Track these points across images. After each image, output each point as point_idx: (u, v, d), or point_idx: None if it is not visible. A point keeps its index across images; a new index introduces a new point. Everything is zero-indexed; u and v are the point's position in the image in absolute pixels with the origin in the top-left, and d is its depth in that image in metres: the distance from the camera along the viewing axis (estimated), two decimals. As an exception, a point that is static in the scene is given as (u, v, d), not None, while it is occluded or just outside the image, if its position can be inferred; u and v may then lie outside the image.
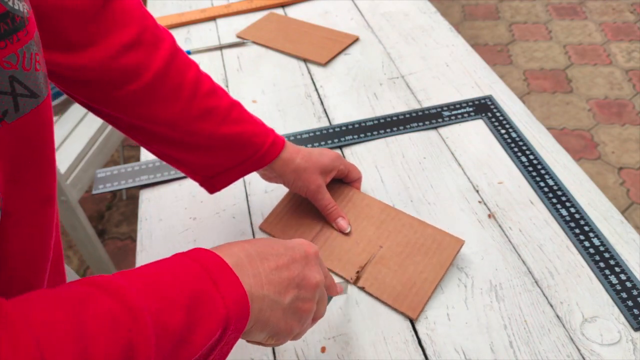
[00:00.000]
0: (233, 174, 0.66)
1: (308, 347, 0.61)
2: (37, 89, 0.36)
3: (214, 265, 0.41)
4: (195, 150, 0.63)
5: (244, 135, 0.64)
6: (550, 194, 0.74)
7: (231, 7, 1.23)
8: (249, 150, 0.65)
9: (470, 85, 0.95)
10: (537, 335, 0.59)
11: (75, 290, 0.35)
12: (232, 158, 0.65)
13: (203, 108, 0.60)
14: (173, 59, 0.58)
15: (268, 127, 0.67)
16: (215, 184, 0.67)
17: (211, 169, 0.65)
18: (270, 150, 0.66)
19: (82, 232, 1.48)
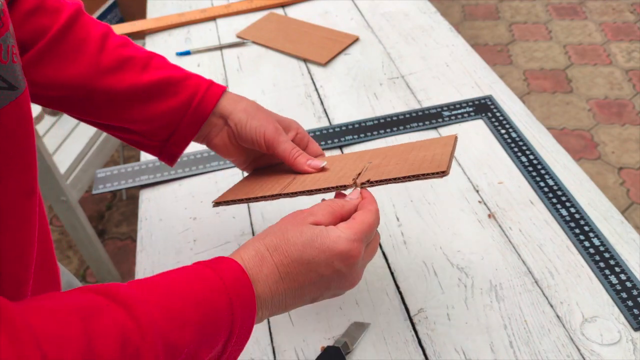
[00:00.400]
0: (181, 131, 0.60)
1: (308, 347, 0.61)
2: (15, 82, 0.36)
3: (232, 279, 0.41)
4: (126, 107, 0.58)
5: (172, 78, 0.59)
6: (550, 194, 0.74)
7: (231, 7, 1.23)
8: (184, 93, 0.59)
9: (470, 85, 0.95)
10: (537, 335, 0.59)
11: (87, 300, 0.34)
12: (171, 111, 0.59)
13: (118, 58, 0.58)
14: (76, 18, 0.57)
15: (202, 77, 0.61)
16: (169, 151, 0.62)
17: (156, 132, 0.60)
18: (210, 92, 0.59)
19: (82, 232, 1.48)
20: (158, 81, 0.58)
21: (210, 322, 0.38)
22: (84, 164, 1.48)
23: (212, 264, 0.42)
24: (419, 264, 0.68)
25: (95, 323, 0.32)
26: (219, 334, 0.39)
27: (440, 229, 0.71)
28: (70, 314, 0.32)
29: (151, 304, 0.36)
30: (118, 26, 1.23)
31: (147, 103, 0.59)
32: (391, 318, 0.63)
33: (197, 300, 0.38)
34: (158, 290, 0.38)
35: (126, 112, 0.59)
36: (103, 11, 1.71)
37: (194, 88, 0.59)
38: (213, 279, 0.40)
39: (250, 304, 0.41)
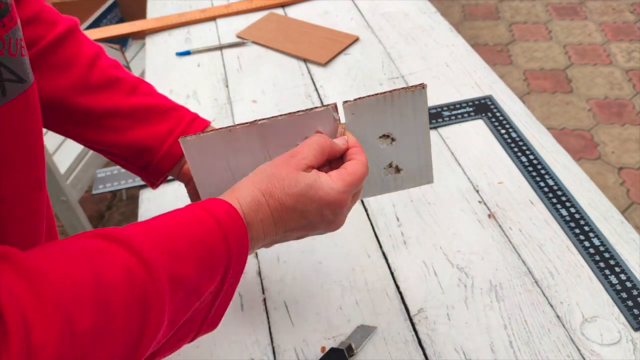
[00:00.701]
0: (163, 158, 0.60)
1: (308, 347, 0.61)
2: (24, 74, 0.36)
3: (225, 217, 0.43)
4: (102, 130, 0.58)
5: (159, 106, 0.59)
6: (550, 194, 0.74)
7: (231, 7, 1.23)
8: (168, 123, 0.59)
9: (470, 85, 0.95)
10: (537, 335, 0.59)
11: (89, 243, 0.36)
12: (155, 137, 0.59)
13: (106, 78, 0.58)
14: (72, 33, 0.58)
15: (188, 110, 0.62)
16: (151, 175, 0.62)
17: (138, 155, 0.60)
18: (194, 124, 0.60)
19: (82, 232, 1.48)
20: (144, 105, 0.59)
21: (208, 255, 0.40)
22: (84, 164, 1.48)
23: (207, 206, 0.43)
24: (419, 264, 0.68)
25: (100, 261, 0.34)
26: (217, 266, 0.41)
27: (440, 229, 0.71)
28: (76, 255, 0.34)
29: (150, 242, 0.37)
30: (118, 26, 1.23)
31: (127, 126, 0.59)
32: (391, 318, 0.63)
33: (195, 238, 0.40)
34: (156, 230, 0.40)
35: (102, 134, 0.59)
36: (103, 11, 1.71)
37: (178, 119, 0.60)
38: (209, 219, 0.42)
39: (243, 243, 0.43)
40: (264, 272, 0.69)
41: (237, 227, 0.43)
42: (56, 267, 0.32)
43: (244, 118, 0.93)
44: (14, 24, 0.35)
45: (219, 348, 0.62)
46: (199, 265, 0.39)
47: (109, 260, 0.34)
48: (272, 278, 0.68)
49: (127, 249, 0.36)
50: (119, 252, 0.35)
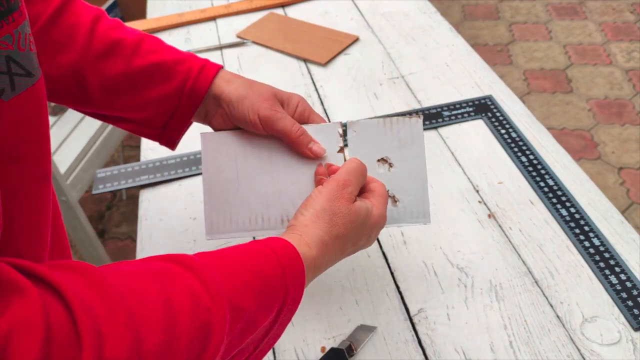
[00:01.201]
0: (179, 116, 0.59)
1: (308, 347, 0.61)
2: (32, 68, 0.37)
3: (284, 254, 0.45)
4: (120, 96, 0.57)
5: (163, 64, 0.57)
6: (550, 194, 0.74)
7: (231, 7, 1.23)
8: (176, 80, 0.57)
9: (470, 85, 0.95)
10: (537, 335, 0.59)
11: (160, 266, 0.38)
12: (165, 98, 0.58)
13: (107, 43, 0.56)
14: (67, 4, 0.57)
15: (195, 55, 0.59)
16: (169, 136, 0.61)
17: (154, 120, 0.59)
18: (203, 74, 0.57)
19: (82, 232, 1.48)
20: (148, 67, 0.57)
21: (267, 289, 0.42)
22: (84, 164, 1.48)
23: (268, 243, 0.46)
24: (419, 264, 0.68)
25: (169, 283, 0.36)
26: (274, 301, 0.42)
27: (440, 229, 0.71)
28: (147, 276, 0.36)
29: (215, 271, 0.39)
30: (118, 26, 1.23)
31: (139, 90, 0.58)
32: (391, 318, 0.63)
33: (255, 269, 0.42)
34: (220, 260, 0.42)
35: (119, 100, 0.58)
36: (103, 11, 1.71)
37: (186, 72, 0.57)
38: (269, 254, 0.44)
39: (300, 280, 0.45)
40: (264, 272, 0.69)
41: (295, 264, 0.45)
42: (128, 284, 0.34)
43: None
44: (23, 19, 0.36)
45: (219, 348, 0.62)
46: (258, 297, 0.41)
47: (178, 284, 0.36)
48: (272, 278, 0.68)
49: (194, 275, 0.37)
50: (187, 277, 0.37)
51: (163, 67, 0.57)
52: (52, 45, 0.56)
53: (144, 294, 0.34)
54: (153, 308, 0.33)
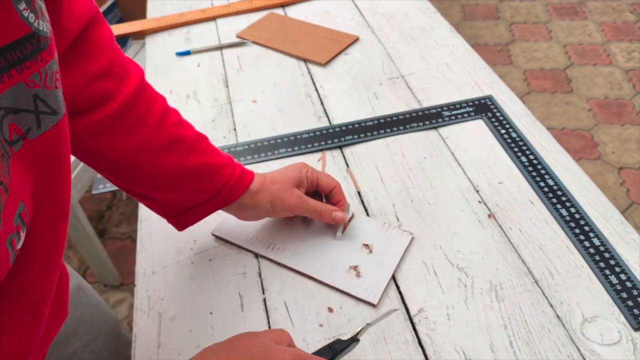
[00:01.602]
0: (203, 209, 0.64)
1: (308, 346, 0.61)
2: (57, 107, 0.37)
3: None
4: (163, 183, 0.61)
5: (212, 166, 0.62)
6: (550, 194, 0.74)
7: (231, 7, 1.23)
8: (219, 182, 0.63)
9: (470, 85, 0.95)
10: (537, 335, 0.59)
11: None
12: (201, 192, 0.63)
13: (170, 138, 0.59)
14: (141, 91, 0.58)
15: (235, 161, 0.66)
16: (183, 221, 0.65)
17: (180, 204, 0.64)
18: (240, 182, 0.64)
19: (82, 232, 1.48)
20: (198, 167, 0.61)
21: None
22: (84, 164, 1.48)
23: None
24: (419, 264, 0.68)
25: None
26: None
27: (440, 229, 0.72)
28: None
29: None
30: (118, 26, 1.23)
31: (182, 185, 0.62)
32: (391, 318, 0.62)
33: None
34: None
35: (159, 188, 0.61)
36: (103, 11, 1.71)
37: (227, 177, 0.63)
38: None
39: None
40: (263, 272, 0.69)
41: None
42: None
43: (244, 118, 0.93)
44: (51, 57, 0.36)
45: (219, 348, 0.62)
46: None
47: None
48: (272, 278, 0.68)
49: None
50: None
51: (211, 169, 0.62)
52: (119, 131, 0.57)
53: None
54: None
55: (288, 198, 0.66)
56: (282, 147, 0.86)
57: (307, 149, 0.85)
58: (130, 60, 0.59)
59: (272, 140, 0.88)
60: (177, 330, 0.64)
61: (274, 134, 0.89)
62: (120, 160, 0.58)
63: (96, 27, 0.54)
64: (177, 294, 0.68)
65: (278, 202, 0.66)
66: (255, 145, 0.87)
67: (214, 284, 0.68)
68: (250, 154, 0.86)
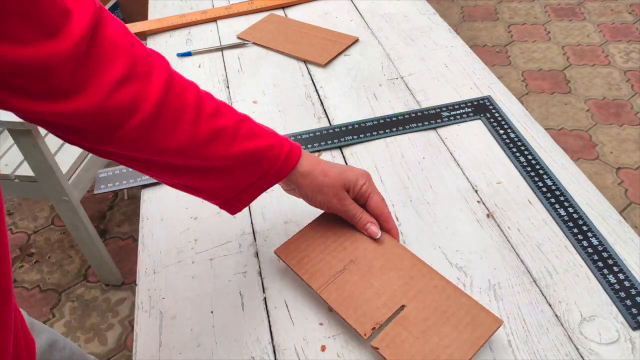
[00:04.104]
0: (252, 191, 0.63)
1: (308, 346, 0.61)
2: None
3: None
4: (211, 174, 0.59)
5: (257, 150, 0.60)
6: (548, 194, 0.74)
7: (232, 8, 1.23)
8: (265, 165, 0.61)
9: (469, 86, 0.95)
10: (535, 334, 0.60)
11: None
12: (249, 176, 0.61)
13: (211, 130, 0.56)
14: (170, 84, 0.53)
15: (281, 137, 0.64)
16: (235, 205, 0.64)
17: (229, 190, 0.62)
18: (287, 162, 0.63)
19: (84, 231, 1.49)
20: (244, 153, 0.59)
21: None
22: (85, 164, 1.49)
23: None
24: (419, 264, 0.68)
25: None
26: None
27: (439, 229, 0.72)
28: None
29: None
30: (119, 27, 1.23)
31: (230, 172, 0.60)
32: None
33: None
34: None
35: (207, 179, 0.60)
36: (103, 12, 1.71)
37: (274, 159, 0.62)
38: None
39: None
40: (264, 271, 0.70)
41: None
42: None
43: (244, 119, 0.94)
44: None
45: (219, 347, 0.62)
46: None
47: None
48: (273, 277, 0.69)
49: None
50: None
51: (256, 154, 0.60)
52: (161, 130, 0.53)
53: None
54: None
55: (331, 196, 0.65)
56: (283, 147, 0.87)
57: (307, 149, 0.86)
58: (152, 52, 0.54)
59: (273, 140, 0.88)
60: (178, 329, 0.65)
61: (275, 135, 0.90)
62: (165, 160, 0.56)
63: (106, 27, 0.49)
64: (178, 293, 0.68)
65: (319, 194, 0.65)
66: (256, 145, 0.88)
67: (214, 283, 0.69)
68: (251, 154, 0.86)
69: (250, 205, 0.79)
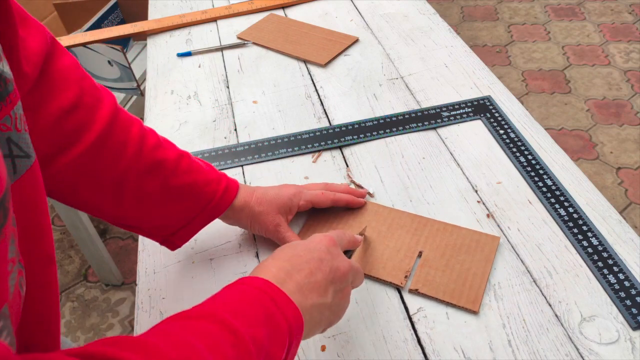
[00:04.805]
0: (191, 228, 0.64)
1: (308, 346, 0.61)
2: (29, 150, 0.37)
3: (267, 288, 0.45)
4: (149, 209, 0.60)
5: (195, 185, 0.62)
6: (548, 194, 0.74)
7: (232, 8, 1.23)
8: (203, 200, 0.63)
9: (469, 86, 0.95)
10: (535, 334, 0.60)
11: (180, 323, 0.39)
12: (187, 212, 0.63)
13: (151, 162, 0.58)
14: (115, 117, 0.56)
15: (220, 173, 0.65)
16: (175, 242, 0.65)
17: (168, 228, 0.63)
18: (224, 197, 0.65)
19: (84, 231, 1.49)
20: (183, 187, 0.61)
21: (273, 322, 0.42)
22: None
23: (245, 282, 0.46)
24: (419, 264, 0.68)
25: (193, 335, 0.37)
26: (283, 334, 0.43)
27: (439, 229, 0.72)
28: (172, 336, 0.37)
29: (226, 311, 0.40)
30: (119, 27, 1.24)
31: (167, 207, 0.61)
32: (390, 317, 0.63)
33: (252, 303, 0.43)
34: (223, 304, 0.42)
35: (145, 214, 0.61)
36: (104, 12, 1.71)
37: (210, 195, 0.63)
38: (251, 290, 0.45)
39: (287, 298, 0.45)
40: (264, 271, 0.70)
41: (285, 298, 0.45)
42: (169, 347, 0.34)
43: (244, 118, 0.94)
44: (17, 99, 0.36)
45: (220, 347, 0.62)
46: (268, 329, 0.41)
47: (199, 331, 0.37)
48: (273, 277, 0.69)
49: (209, 320, 0.39)
50: (204, 324, 0.38)
51: (194, 188, 0.62)
52: (103, 159, 0.55)
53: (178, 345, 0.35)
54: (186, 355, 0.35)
55: (268, 224, 0.68)
56: (283, 147, 0.87)
57: (307, 149, 0.86)
58: (101, 87, 0.57)
59: (273, 140, 0.88)
60: (178, 329, 0.65)
61: (274, 135, 0.90)
62: (105, 191, 0.57)
63: (57, 59, 0.52)
64: (178, 293, 0.68)
65: (256, 224, 0.68)
66: (256, 145, 0.88)
67: (214, 283, 0.69)
68: (251, 154, 0.86)
69: (250, 205, 0.79)
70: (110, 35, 1.23)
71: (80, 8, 1.77)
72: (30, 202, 0.37)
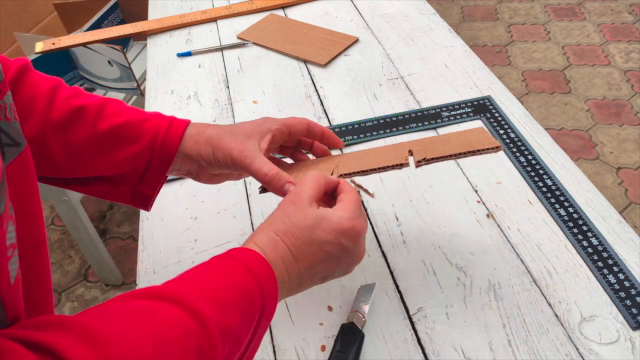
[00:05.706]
0: (150, 177, 0.58)
1: (308, 345, 0.61)
2: (19, 138, 0.37)
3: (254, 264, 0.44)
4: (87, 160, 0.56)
5: (129, 124, 0.56)
6: (548, 194, 0.74)
7: (232, 8, 1.23)
8: (145, 137, 0.56)
9: (469, 86, 0.95)
10: (535, 334, 0.60)
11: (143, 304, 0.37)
12: (133, 157, 0.57)
13: (68, 111, 0.54)
14: (21, 76, 0.53)
15: (163, 114, 0.59)
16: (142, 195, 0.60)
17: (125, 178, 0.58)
18: (172, 129, 0.57)
19: (84, 231, 1.49)
20: (114, 128, 0.55)
21: (247, 303, 0.41)
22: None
23: (232, 255, 0.45)
24: (418, 264, 0.68)
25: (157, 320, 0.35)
26: (254, 313, 0.42)
27: (439, 229, 0.72)
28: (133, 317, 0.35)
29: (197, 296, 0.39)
30: (119, 27, 1.24)
31: (108, 152, 0.56)
32: (390, 317, 0.63)
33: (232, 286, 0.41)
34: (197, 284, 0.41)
35: (88, 165, 0.56)
36: (104, 12, 1.72)
37: (153, 130, 0.57)
38: (237, 266, 0.43)
39: (273, 284, 0.44)
40: (264, 271, 0.70)
41: (266, 272, 0.44)
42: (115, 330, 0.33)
43: (244, 118, 0.94)
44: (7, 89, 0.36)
45: (220, 347, 0.62)
46: (240, 313, 0.40)
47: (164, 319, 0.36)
48: (273, 277, 0.69)
49: (179, 306, 0.37)
50: (172, 310, 0.37)
51: (130, 127, 0.56)
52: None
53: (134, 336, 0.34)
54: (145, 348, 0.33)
55: (232, 149, 0.55)
56: (283, 147, 0.87)
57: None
58: (7, 59, 0.54)
59: (273, 140, 0.88)
60: (178, 329, 0.65)
61: (275, 135, 0.90)
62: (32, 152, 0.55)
63: None
64: (178, 293, 0.68)
65: (219, 150, 0.56)
66: (256, 145, 0.87)
67: (215, 284, 0.69)
68: (251, 154, 0.86)
69: (250, 206, 0.79)
70: (110, 35, 1.23)
71: (80, 8, 1.77)
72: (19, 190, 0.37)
